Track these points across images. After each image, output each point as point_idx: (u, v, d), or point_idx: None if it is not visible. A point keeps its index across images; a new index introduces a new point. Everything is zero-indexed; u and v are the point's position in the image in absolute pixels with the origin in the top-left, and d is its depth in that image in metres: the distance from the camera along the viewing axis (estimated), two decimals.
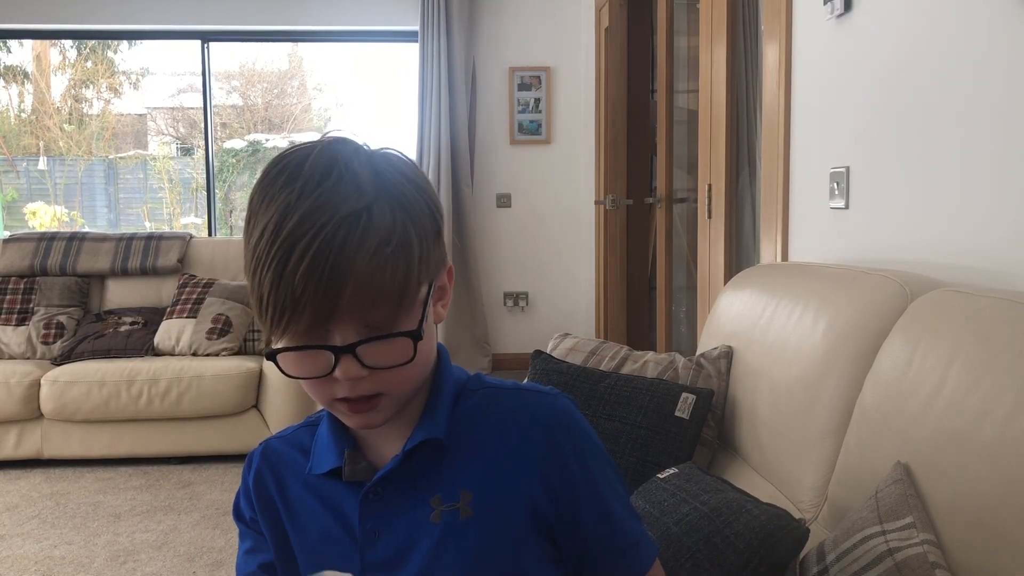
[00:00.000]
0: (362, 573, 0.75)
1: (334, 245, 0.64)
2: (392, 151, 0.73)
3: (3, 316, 3.61)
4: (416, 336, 0.69)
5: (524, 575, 0.74)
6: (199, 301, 3.59)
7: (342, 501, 0.77)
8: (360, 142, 0.72)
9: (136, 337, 3.53)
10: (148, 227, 8.55)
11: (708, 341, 1.86)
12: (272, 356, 0.69)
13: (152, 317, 3.66)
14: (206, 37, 4.86)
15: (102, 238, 3.89)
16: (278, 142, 8.44)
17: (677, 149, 3.38)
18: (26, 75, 8.68)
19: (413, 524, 0.74)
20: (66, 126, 8.76)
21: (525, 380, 1.79)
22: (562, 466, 0.75)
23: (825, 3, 1.81)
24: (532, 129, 4.75)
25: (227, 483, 3.10)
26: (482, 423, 0.77)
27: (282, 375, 0.71)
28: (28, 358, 3.55)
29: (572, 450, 0.75)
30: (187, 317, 3.54)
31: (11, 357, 3.55)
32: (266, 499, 0.81)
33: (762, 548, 1.00)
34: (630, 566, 0.78)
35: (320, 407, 0.78)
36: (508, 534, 0.74)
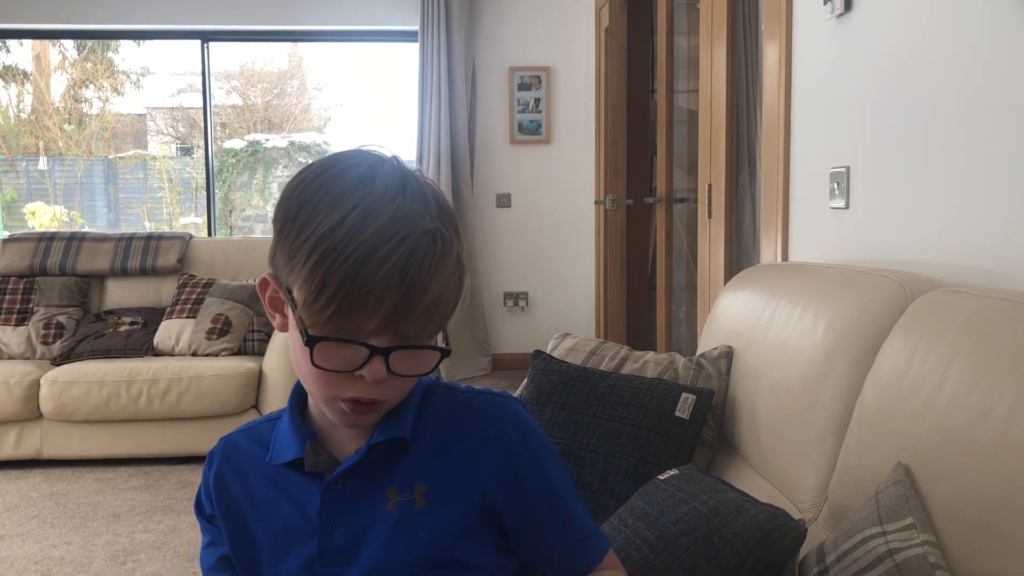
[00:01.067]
0: (319, 559, 0.78)
1: (415, 259, 0.68)
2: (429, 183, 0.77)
3: (3, 316, 3.61)
4: (445, 353, 0.73)
5: (473, 563, 0.78)
6: (199, 301, 3.59)
7: (301, 491, 0.80)
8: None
9: (136, 337, 3.53)
10: (148, 227, 8.55)
11: (708, 341, 1.86)
12: (313, 342, 0.70)
13: (152, 317, 3.66)
14: (206, 37, 4.86)
15: (102, 238, 3.89)
16: (278, 142, 8.44)
17: (677, 149, 3.38)
18: (26, 75, 8.68)
19: (370, 513, 0.77)
20: (66, 126, 8.76)
21: (524, 380, 1.80)
22: (513, 460, 0.79)
23: (825, 3, 1.81)
24: (532, 129, 4.75)
25: None
26: (442, 422, 0.80)
27: (290, 369, 0.73)
28: (28, 358, 3.55)
29: (523, 446, 0.80)
30: (187, 317, 3.54)
31: (11, 357, 3.55)
32: (226, 495, 0.83)
33: (759, 547, 1.00)
34: (582, 558, 0.82)
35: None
36: (459, 523, 0.77)
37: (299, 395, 0.83)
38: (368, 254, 0.67)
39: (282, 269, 0.74)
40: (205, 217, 5.29)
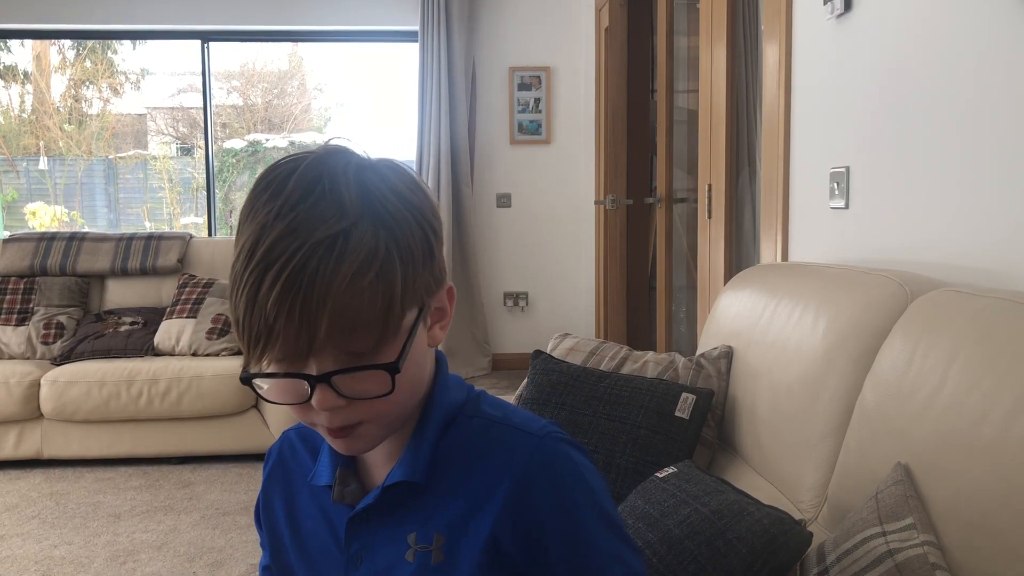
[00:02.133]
0: None
1: (306, 273, 0.61)
2: (390, 163, 0.69)
3: (3, 316, 3.61)
4: (393, 369, 0.65)
5: None
6: (199, 301, 3.59)
7: (337, 516, 0.76)
8: (358, 152, 0.68)
9: (136, 337, 3.53)
10: (148, 227, 8.55)
11: (708, 341, 1.86)
12: (247, 380, 0.66)
13: (152, 317, 3.66)
14: (206, 37, 4.86)
15: (102, 238, 3.89)
16: (278, 142, 8.44)
17: (677, 149, 3.38)
18: (26, 75, 8.68)
19: (391, 557, 0.73)
20: (66, 126, 8.76)
21: (524, 380, 1.79)
22: (530, 508, 0.69)
23: (825, 3, 1.81)
24: (532, 129, 4.75)
25: (227, 483, 3.10)
26: (464, 460, 0.73)
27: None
28: (28, 358, 3.55)
29: (547, 493, 0.70)
30: (187, 317, 3.54)
31: (11, 357, 3.55)
32: (274, 498, 0.81)
33: (765, 552, 1.00)
34: None
35: None
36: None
37: None
38: (260, 278, 0.62)
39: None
40: (205, 217, 5.29)
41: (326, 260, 0.61)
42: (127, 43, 8.47)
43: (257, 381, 0.66)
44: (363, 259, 0.62)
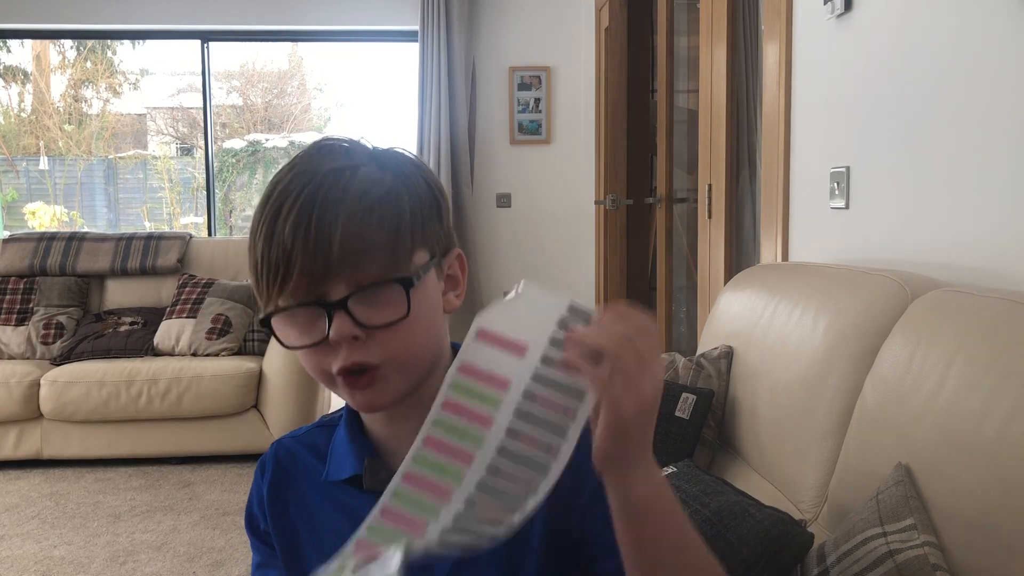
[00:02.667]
0: None
1: (318, 197, 0.65)
2: (401, 149, 0.75)
3: (3, 316, 3.61)
4: (407, 283, 0.67)
5: None
6: (199, 301, 3.59)
7: (362, 509, 0.75)
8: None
9: (136, 337, 3.53)
10: (148, 227, 8.55)
11: (708, 341, 1.86)
12: (267, 320, 0.68)
13: (152, 317, 3.66)
14: (206, 37, 4.86)
15: (102, 238, 3.89)
16: (278, 142, 8.44)
17: (677, 149, 3.38)
18: (26, 75, 8.68)
19: None
20: (66, 126, 8.76)
21: None
22: (577, 478, 0.70)
23: (825, 3, 1.81)
24: (532, 129, 4.74)
25: (227, 483, 3.10)
26: None
27: (283, 364, 0.69)
28: (28, 358, 3.55)
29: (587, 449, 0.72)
30: (187, 317, 3.54)
31: (11, 357, 3.55)
32: (281, 511, 0.78)
33: (767, 554, 0.99)
34: None
35: (333, 409, 0.75)
36: (528, 556, 0.71)
37: (352, 409, 0.77)
38: (276, 213, 0.66)
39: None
40: (205, 217, 5.29)
41: (336, 186, 0.66)
42: (127, 43, 8.47)
43: (276, 321, 0.68)
44: (369, 184, 0.68)
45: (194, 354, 3.46)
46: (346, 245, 0.65)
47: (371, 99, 8.66)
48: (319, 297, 0.66)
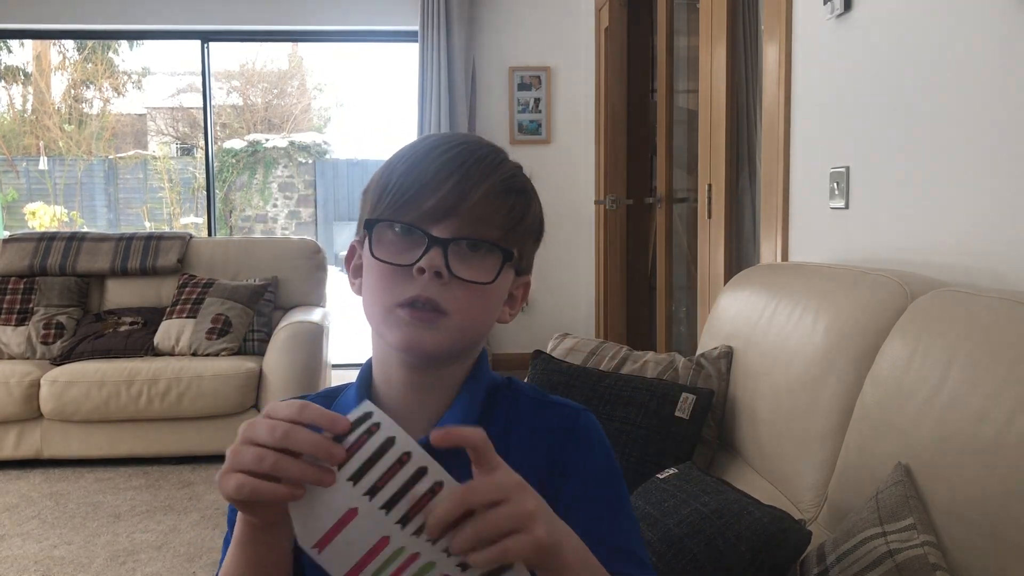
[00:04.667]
0: None
1: (473, 156, 0.72)
2: None
3: (3, 316, 3.61)
4: (508, 255, 0.73)
5: None
6: (199, 301, 3.59)
7: None
8: None
9: (136, 337, 3.53)
10: (148, 227, 8.54)
11: (708, 341, 1.86)
12: (372, 224, 0.72)
13: (152, 317, 3.66)
14: (206, 37, 4.86)
15: (102, 238, 3.88)
16: (278, 142, 8.44)
17: (677, 149, 3.38)
18: (26, 75, 8.68)
19: None
20: (66, 126, 8.76)
21: (525, 380, 1.79)
22: (565, 455, 0.76)
23: (825, 3, 1.81)
24: (532, 129, 4.75)
25: None
26: (506, 426, 0.77)
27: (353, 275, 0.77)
28: (28, 358, 3.54)
29: (580, 458, 0.76)
30: (187, 317, 3.54)
31: (11, 357, 3.55)
32: None
33: (764, 550, 1.00)
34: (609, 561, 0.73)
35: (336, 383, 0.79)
36: None
37: (366, 376, 0.80)
38: (429, 150, 0.72)
39: (360, 220, 0.77)
40: (205, 217, 5.29)
41: (490, 158, 0.73)
42: (127, 43, 8.47)
43: (380, 227, 0.72)
44: (518, 176, 0.75)
45: (194, 354, 3.46)
46: (480, 201, 0.71)
47: (371, 99, 8.66)
48: (426, 228, 0.71)
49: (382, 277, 0.72)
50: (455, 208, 0.70)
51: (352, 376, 0.82)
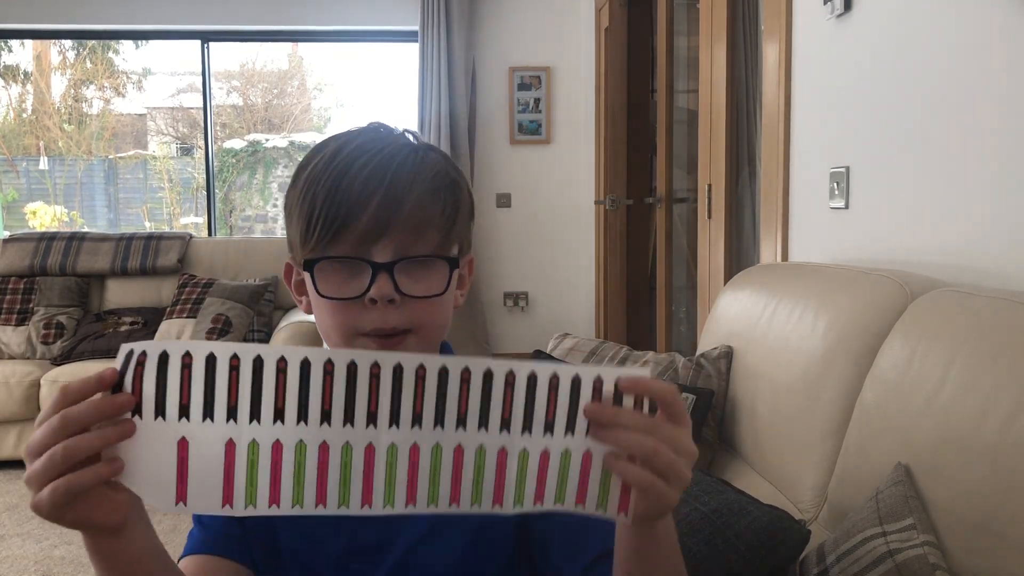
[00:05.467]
0: (342, 557, 0.75)
1: (393, 164, 0.69)
2: None
3: (3, 316, 3.61)
4: (453, 263, 0.72)
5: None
6: (199, 301, 3.59)
7: None
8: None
9: (136, 337, 3.53)
10: (148, 227, 8.55)
11: (708, 341, 1.86)
12: (311, 265, 0.69)
13: (152, 317, 3.66)
14: (206, 37, 4.86)
15: (102, 238, 3.89)
16: (278, 142, 8.44)
17: (677, 149, 3.38)
18: (26, 75, 8.68)
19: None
20: (66, 126, 8.77)
21: None
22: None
23: (825, 3, 1.81)
24: (532, 129, 4.74)
25: None
26: None
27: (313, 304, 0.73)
28: (28, 358, 3.54)
29: None
30: (187, 317, 3.54)
31: (11, 357, 3.55)
32: None
33: (763, 549, 1.00)
34: (586, 538, 0.72)
35: None
36: (497, 535, 0.74)
37: None
38: (347, 167, 0.68)
39: (291, 241, 0.74)
40: (205, 217, 5.29)
41: (411, 159, 0.70)
42: (127, 43, 8.47)
43: (319, 269, 0.69)
44: (442, 168, 0.73)
45: None
46: (412, 214, 0.69)
47: (371, 99, 8.67)
48: (366, 255, 0.69)
49: (335, 311, 0.71)
50: (389, 223, 0.68)
51: None
